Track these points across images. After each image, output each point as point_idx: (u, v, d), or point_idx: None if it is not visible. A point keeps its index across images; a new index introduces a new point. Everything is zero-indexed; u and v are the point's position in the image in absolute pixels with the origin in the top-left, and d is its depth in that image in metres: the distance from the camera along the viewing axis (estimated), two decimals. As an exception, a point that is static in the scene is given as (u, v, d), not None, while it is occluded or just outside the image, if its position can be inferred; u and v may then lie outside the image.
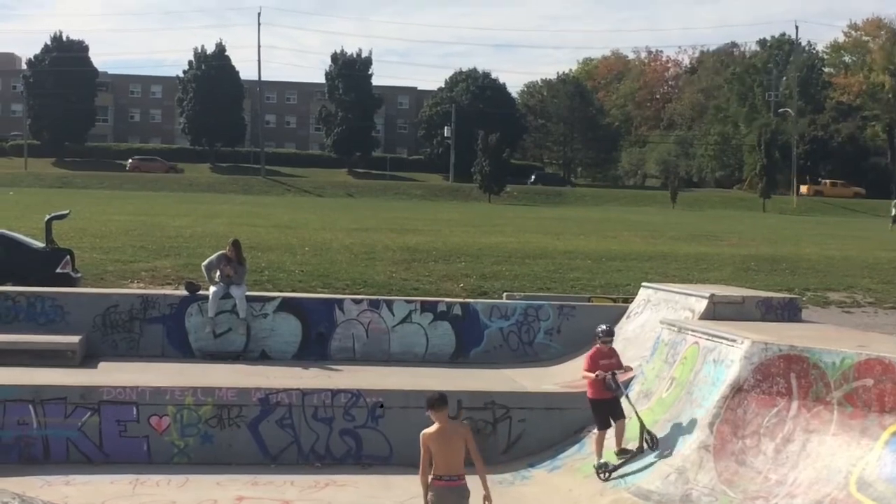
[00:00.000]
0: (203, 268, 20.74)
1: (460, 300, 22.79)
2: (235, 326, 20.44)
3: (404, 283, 29.96)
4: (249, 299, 20.58)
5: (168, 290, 24.44)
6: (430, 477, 11.47)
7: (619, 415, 15.71)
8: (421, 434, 11.62)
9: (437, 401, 11.64)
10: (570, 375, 19.20)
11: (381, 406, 17.12)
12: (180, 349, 20.25)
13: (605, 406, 15.69)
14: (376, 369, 19.53)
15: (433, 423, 11.59)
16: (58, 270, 24.20)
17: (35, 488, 13.62)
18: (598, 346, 15.88)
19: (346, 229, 46.58)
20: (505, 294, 24.47)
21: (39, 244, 25.46)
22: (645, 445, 15.44)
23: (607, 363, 15.67)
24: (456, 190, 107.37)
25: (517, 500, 15.09)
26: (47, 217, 25.88)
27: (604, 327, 16.10)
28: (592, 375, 15.63)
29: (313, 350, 20.60)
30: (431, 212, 70.35)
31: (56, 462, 16.14)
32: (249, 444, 16.87)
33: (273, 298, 21.29)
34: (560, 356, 20.74)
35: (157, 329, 20.28)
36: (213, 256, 20.69)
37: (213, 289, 20.35)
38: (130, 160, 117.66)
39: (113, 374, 17.79)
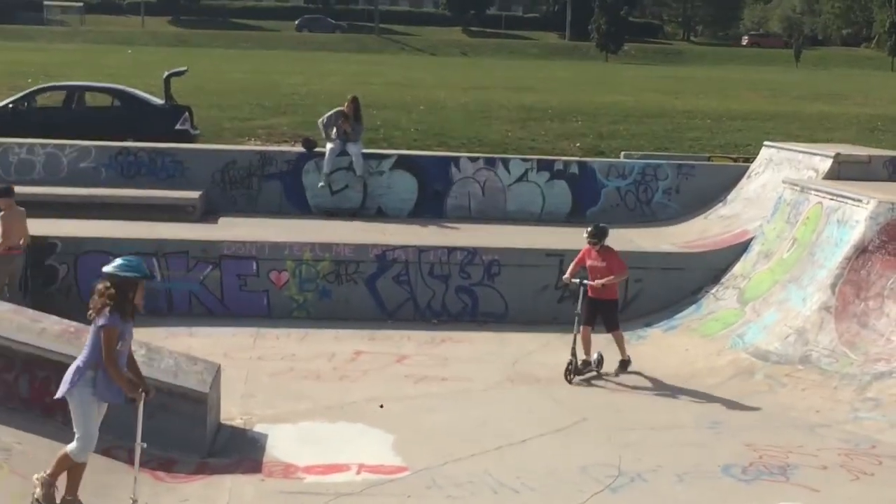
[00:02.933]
0: (320, 124, 20.76)
1: (577, 159, 22.55)
2: (352, 183, 20.53)
3: (520, 141, 29.83)
4: (366, 156, 20.60)
5: (285, 147, 24.60)
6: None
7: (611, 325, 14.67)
8: None
9: (7, 190, 15.24)
10: (688, 235, 19.02)
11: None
12: (297, 205, 20.41)
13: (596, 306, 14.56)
14: (492, 227, 19.50)
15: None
16: (177, 127, 24.54)
17: (160, 339, 13.94)
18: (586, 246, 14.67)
19: (461, 88, 46.31)
20: (622, 153, 24.15)
21: (159, 101, 25.76)
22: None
23: (594, 265, 14.46)
24: (572, 48, 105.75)
25: (633, 359, 15.05)
26: (166, 74, 26.12)
27: (590, 228, 14.70)
28: (565, 277, 14.81)
29: (429, 208, 20.61)
30: (547, 70, 69.51)
31: (179, 314, 16.56)
32: (367, 300, 17.07)
33: (389, 156, 21.29)
34: (678, 216, 20.48)
35: (275, 185, 20.45)
36: (331, 113, 20.66)
37: (329, 146, 20.40)
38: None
39: (232, 229, 18.05)
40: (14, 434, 10.12)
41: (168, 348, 12.35)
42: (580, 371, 14.27)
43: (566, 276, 14.69)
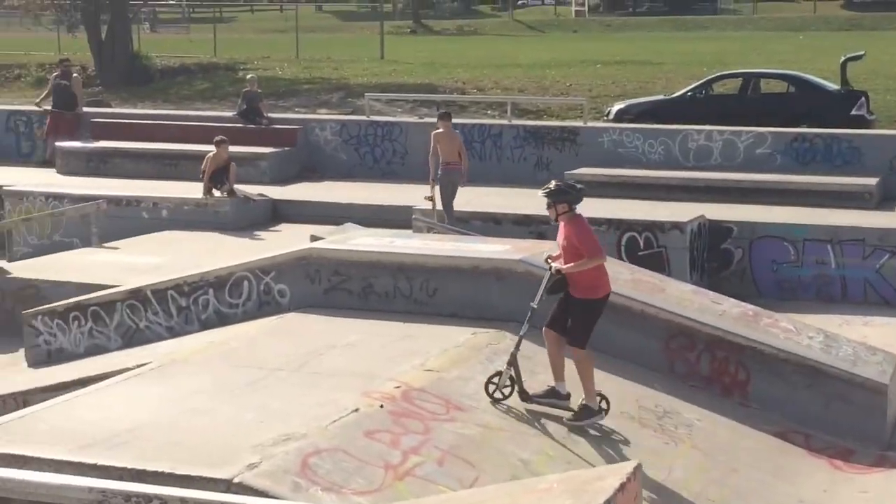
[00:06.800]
0: None
1: None
2: None
3: None
4: None
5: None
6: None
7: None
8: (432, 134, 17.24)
9: (446, 114, 17.54)
10: None
11: None
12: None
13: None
14: None
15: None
16: (852, 112, 24.03)
17: (834, 326, 13.74)
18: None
19: None
20: None
21: (834, 86, 25.41)
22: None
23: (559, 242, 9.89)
24: None
25: None
26: (842, 59, 25.71)
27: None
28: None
29: None
30: None
31: (853, 302, 16.20)
32: None
33: None
34: None
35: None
36: None
37: None
38: None
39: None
40: (695, 411, 10.50)
41: (844, 336, 12.21)
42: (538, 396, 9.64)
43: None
